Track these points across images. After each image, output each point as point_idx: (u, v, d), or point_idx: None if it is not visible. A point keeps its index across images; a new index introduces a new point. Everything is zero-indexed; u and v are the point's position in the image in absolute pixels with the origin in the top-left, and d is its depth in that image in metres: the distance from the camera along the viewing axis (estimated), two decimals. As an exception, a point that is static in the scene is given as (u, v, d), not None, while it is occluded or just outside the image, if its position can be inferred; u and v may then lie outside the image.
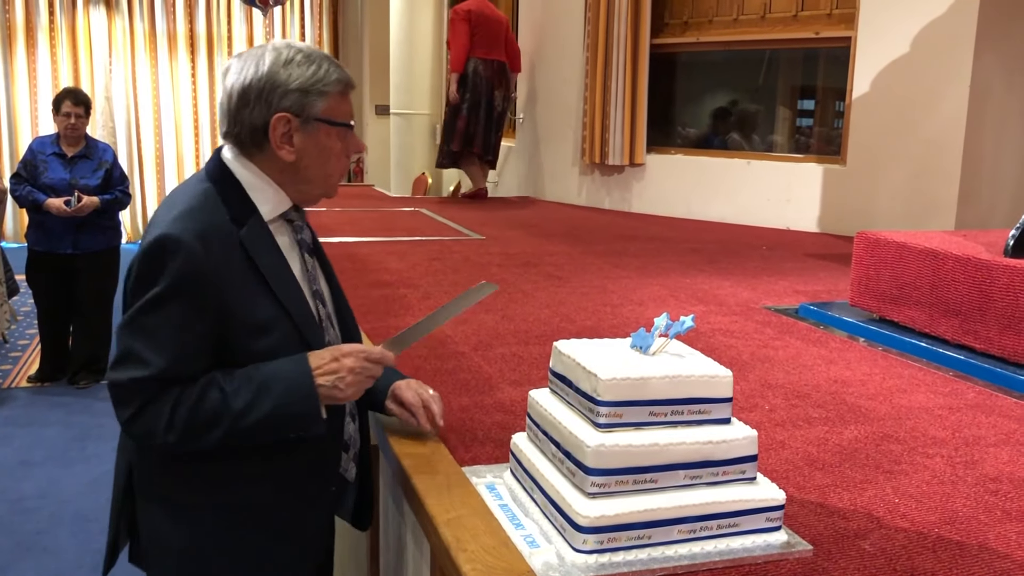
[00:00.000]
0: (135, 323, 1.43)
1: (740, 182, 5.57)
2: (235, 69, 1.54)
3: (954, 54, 4.48)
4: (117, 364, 1.44)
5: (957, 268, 2.53)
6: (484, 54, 6.24)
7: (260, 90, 1.51)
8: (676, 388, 1.39)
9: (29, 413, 4.94)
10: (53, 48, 10.47)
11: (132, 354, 1.42)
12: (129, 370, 1.42)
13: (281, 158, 1.53)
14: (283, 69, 1.51)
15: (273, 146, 1.52)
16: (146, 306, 1.42)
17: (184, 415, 1.42)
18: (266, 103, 1.51)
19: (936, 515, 1.55)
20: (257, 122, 1.51)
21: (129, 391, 1.43)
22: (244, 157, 1.56)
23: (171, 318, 1.42)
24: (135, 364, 1.42)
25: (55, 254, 5.26)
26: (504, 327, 2.82)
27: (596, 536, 1.33)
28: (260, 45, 1.57)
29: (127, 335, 1.44)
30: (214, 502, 1.54)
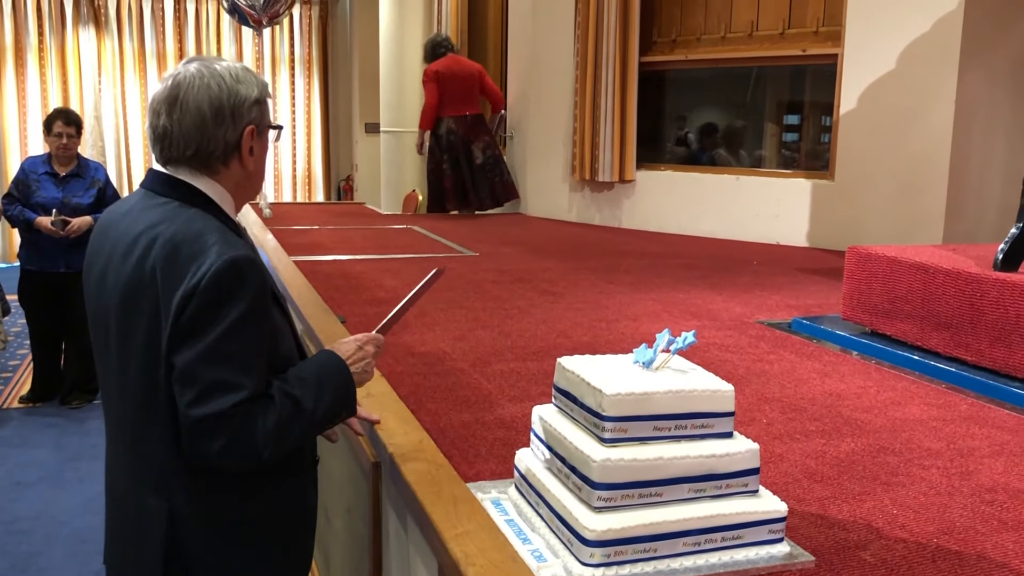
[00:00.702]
0: (217, 352, 1.39)
1: (730, 198, 5.62)
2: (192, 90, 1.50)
3: (939, 70, 4.55)
4: (205, 397, 1.38)
5: (948, 282, 2.57)
6: (455, 111, 6.54)
7: (232, 107, 1.52)
8: (679, 403, 1.42)
9: (22, 434, 4.92)
10: (42, 68, 10.47)
11: (222, 382, 1.39)
12: (225, 398, 1.38)
13: (245, 168, 1.56)
14: (238, 85, 1.53)
15: (244, 158, 1.54)
16: (228, 332, 1.39)
17: (272, 429, 1.43)
18: (237, 118, 1.53)
19: (934, 526, 1.58)
20: (231, 138, 1.53)
21: (226, 419, 1.39)
22: (205, 176, 1.54)
23: (252, 338, 1.43)
24: (229, 391, 1.39)
25: (48, 273, 5.25)
26: (501, 343, 2.84)
27: (603, 550, 1.35)
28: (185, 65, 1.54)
29: (209, 367, 1.39)
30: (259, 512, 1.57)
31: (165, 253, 1.43)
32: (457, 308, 3.35)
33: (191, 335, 1.39)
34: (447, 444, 1.92)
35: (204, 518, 1.51)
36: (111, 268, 1.51)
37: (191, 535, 1.50)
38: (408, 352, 2.70)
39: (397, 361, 2.59)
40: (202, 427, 1.38)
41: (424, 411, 2.14)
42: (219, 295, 1.39)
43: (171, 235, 1.45)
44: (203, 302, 1.39)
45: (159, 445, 1.48)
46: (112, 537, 1.62)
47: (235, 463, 1.43)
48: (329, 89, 11.79)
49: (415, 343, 2.81)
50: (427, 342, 2.83)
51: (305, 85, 11.60)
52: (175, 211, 1.50)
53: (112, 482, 1.61)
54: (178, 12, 10.90)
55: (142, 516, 1.52)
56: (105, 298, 1.51)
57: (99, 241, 1.57)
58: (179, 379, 1.40)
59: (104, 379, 1.59)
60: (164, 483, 1.50)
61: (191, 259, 1.42)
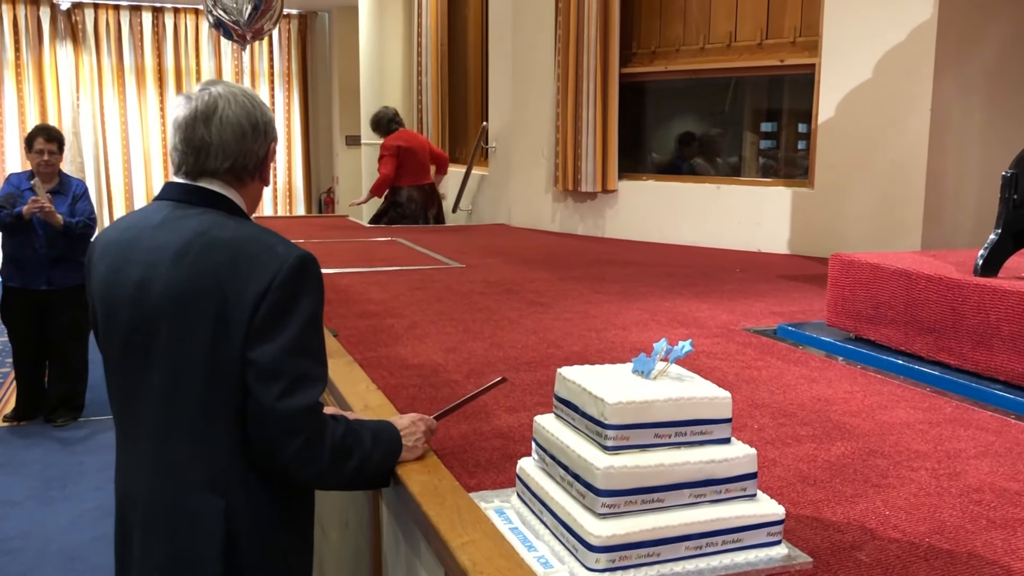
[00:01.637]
0: (299, 345, 1.45)
1: (710, 206, 5.69)
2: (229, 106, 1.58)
3: (915, 79, 4.64)
4: (292, 391, 1.43)
5: (930, 287, 2.63)
6: (415, 181, 7.09)
7: (264, 123, 1.62)
8: (679, 410, 1.46)
9: (7, 452, 4.90)
10: (19, 84, 10.43)
11: (306, 375, 1.45)
12: (309, 391, 1.45)
13: (264, 183, 1.65)
14: (263, 106, 1.64)
15: (265, 173, 1.65)
16: (308, 326, 1.46)
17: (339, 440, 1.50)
18: (266, 135, 1.63)
19: (925, 525, 1.62)
20: (262, 152, 1.63)
21: (312, 413, 1.45)
22: (233, 188, 1.61)
23: (322, 331, 1.52)
24: (312, 383, 1.46)
25: (30, 291, 5.24)
26: (493, 354, 2.87)
27: (608, 555, 1.38)
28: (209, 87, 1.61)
29: (293, 361, 1.44)
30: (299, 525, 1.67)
31: (228, 256, 1.48)
32: (447, 320, 3.37)
33: (270, 331, 1.44)
34: (446, 455, 1.95)
35: (256, 515, 1.55)
36: (157, 276, 1.51)
37: (244, 532, 1.53)
38: (402, 364, 2.73)
39: (392, 374, 2.62)
40: (289, 422, 1.43)
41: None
42: (294, 291, 1.45)
43: (229, 239, 1.50)
44: (279, 298, 1.44)
45: (220, 445, 1.50)
46: (148, 540, 1.57)
47: (301, 466, 1.48)
48: (309, 102, 11.82)
49: (408, 355, 2.84)
50: (420, 354, 2.86)
51: (285, 98, 11.61)
52: (220, 219, 1.56)
53: (142, 486, 1.58)
54: (156, 27, 10.90)
55: (198, 515, 1.52)
56: (148, 306, 1.51)
57: (125, 253, 1.57)
58: (262, 374, 1.43)
59: (135, 385, 1.57)
60: (223, 482, 1.52)
61: (256, 259, 1.47)
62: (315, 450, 1.47)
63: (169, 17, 10.94)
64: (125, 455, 1.64)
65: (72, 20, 10.58)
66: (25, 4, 10.39)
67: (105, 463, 4.67)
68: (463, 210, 7.66)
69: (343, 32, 10.98)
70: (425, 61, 8.25)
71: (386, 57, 8.88)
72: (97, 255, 1.64)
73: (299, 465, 1.47)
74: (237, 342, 1.45)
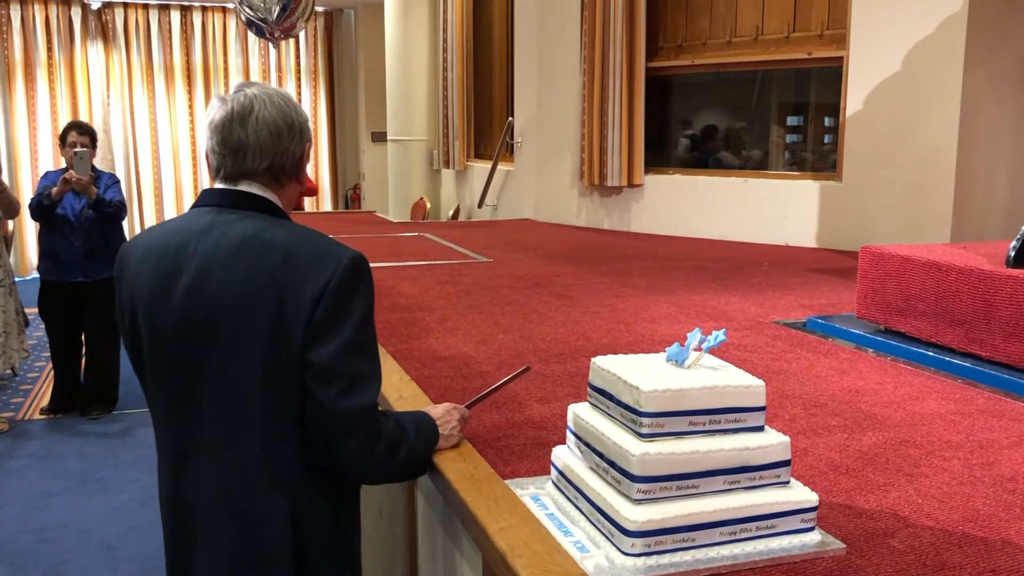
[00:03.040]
0: (356, 345, 1.48)
1: (738, 200, 5.68)
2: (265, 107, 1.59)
3: (944, 71, 4.61)
4: (351, 389, 1.45)
5: (961, 279, 2.63)
6: None
7: (300, 124, 1.64)
8: (713, 398, 1.48)
9: (45, 445, 4.99)
10: (52, 83, 10.58)
11: (363, 373, 1.48)
12: (367, 389, 1.48)
13: (300, 184, 1.66)
14: (295, 106, 1.65)
15: (301, 174, 1.66)
16: (361, 326, 1.49)
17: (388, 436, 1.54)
18: (301, 135, 1.64)
19: (959, 514, 1.63)
20: (298, 152, 1.64)
21: (370, 411, 1.48)
22: (272, 191, 1.62)
23: (373, 329, 1.54)
24: (369, 380, 1.49)
25: (66, 283, 5.33)
26: (523, 347, 2.90)
27: (644, 540, 1.41)
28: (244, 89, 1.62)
29: (350, 360, 1.47)
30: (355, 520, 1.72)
31: (282, 257, 1.49)
32: (476, 313, 3.41)
33: (328, 332, 1.46)
34: (481, 444, 1.98)
35: (317, 516, 1.57)
36: (211, 278, 1.51)
37: (309, 532, 1.56)
38: (434, 356, 2.76)
39: (424, 365, 2.65)
40: (348, 421, 1.46)
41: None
42: (349, 292, 1.48)
43: (283, 240, 1.52)
44: (336, 299, 1.47)
45: (283, 446, 1.51)
46: (214, 543, 1.56)
47: (361, 463, 1.52)
48: (335, 99, 11.89)
49: (439, 348, 2.87)
50: (451, 346, 2.89)
51: (312, 95, 11.69)
52: (266, 222, 1.57)
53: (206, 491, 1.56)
54: (184, 25, 11.01)
55: (266, 515, 1.52)
56: (202, 311, 1.51)
57: (173, 258, 1.55)
58: (321, 375, 1.46)
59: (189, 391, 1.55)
60: (287, 482, 1.52)
61: (312, 261, 1.49)
62: (373, 447, 1.51)
63: (197, 15, 11.05)
64: (179, 461, 1.60)
65: (103, 19, 10.72)
66: (57, 4, 10.54)
67: (140, 456, 4.75)
68: (488, 205, 7.70)
69: (369, 29, 11.04)
70: (450, 57, 8.29)
71: (412, 54, 8.93)
72: (137, 261, 1.60)
73: (357, 462, 1.51)
74: (296, 343, 1.46)
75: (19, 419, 5.45)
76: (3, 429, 5.18)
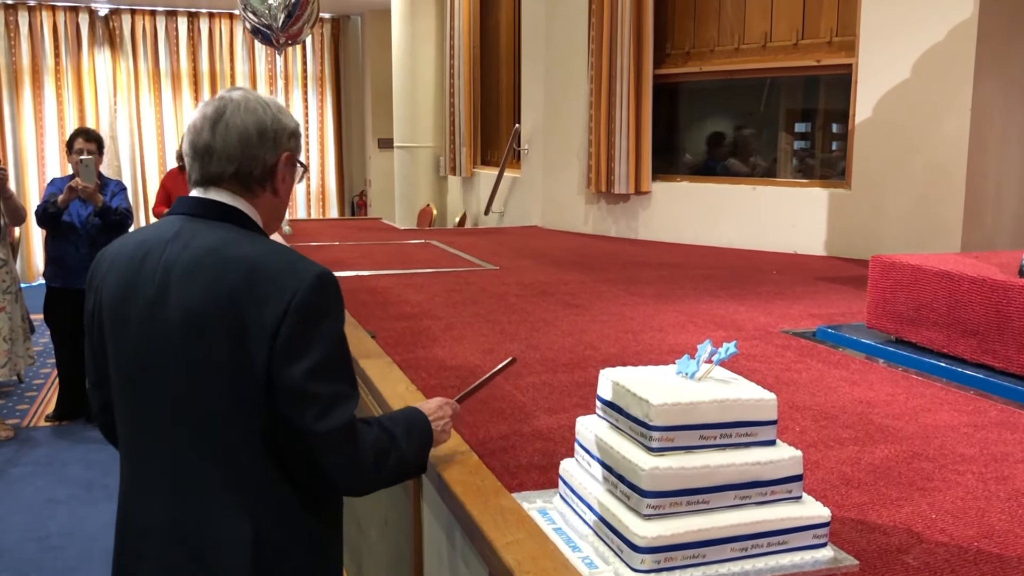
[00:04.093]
0: (328, 366, 1.42)
1: (746, 208, 5.65)
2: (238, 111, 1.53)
3: (954, 79, 4.59)
4: (327, 412, 1.40)
5: (973, 289, 2.60)
6: None
7: (275, 131, 1.55)
8: (724, 412, 1.45)
9: (50, 452, 4.98)
10: (59, 90, 10.61)
11: (339, 395, 1.43)
12: (344, 409, 1.42)
13: (278, 196, 1.59)
14: (280, 115, 1.58)
15: (277, 184, 1.58)
16: (330, 345, 1.43)
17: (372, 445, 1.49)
18: (278, 142, 1.56)
19: (973, 529, 1.61)
20: (270, 161, 1.56)
21: (351, 431, 1.44)
22: (244, 199, 1.55)
23: (347, 348, 1.50)
24: (346, 400, 1.43)
25: (72, 290, 5.32)
26: (531, 356, 2.88)
27: (653, 556, 1.38)
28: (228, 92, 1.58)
29: (324, 383, 1.41)
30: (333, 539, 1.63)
31: (244, 273, 1.41)
32: (483, 322, 3.39)
33: (296, 354, 1.39)
34: (488, 455, 1.96)
35: (287, 534, 1.49)
36: (170, 293, 1.44)
37: (272, 557, 1.47)
38: (440, 366, 2.74)
39: (431, 375, 2.63)
40: (331, 440, 1.41)
41: (462, 423, 2.17)
42: (315, 310, 1.42)
43: (245, 255, 1.44)
44: (301, 319, 1.40)
45: (247, 469, 1.44)
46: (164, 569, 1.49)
47: (349, 478, 1.49)
48: (342, 105, 11.90)
49: (446, 356, 2.85)
50: (457, 355, 2.87)
51: (318, 102, 11.70)
52: (233, 234, 1.49)
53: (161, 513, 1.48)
54: (191, 32, 11.04)
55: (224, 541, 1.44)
56: (162, 324, 1.44)
57: (136, 267, 1.50)
58: (294, 399, 1.39)
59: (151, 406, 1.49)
60: (253, 508, 1.45)
61: (275, 278, 1.41)
62: (359, 461, 1.46)
63: (204, 22, 11.07)
64: (136, 479, 1.54)
65: (110, 26, 10.75)
66: (64, 11, 10.57)
67: (144, 462, 4.72)
68: (495, 212, 7.68)
69: (376, 35, 11.04)
70: (457, 64, 8.28)
71: (418, 60, 8.93)
72: (105, 268, 1.56)
73: (346, 479, 1.48)
74: (261, 364, 1.40)
75: (24, 426, 5.44)
76: (8, 436, 5.17)
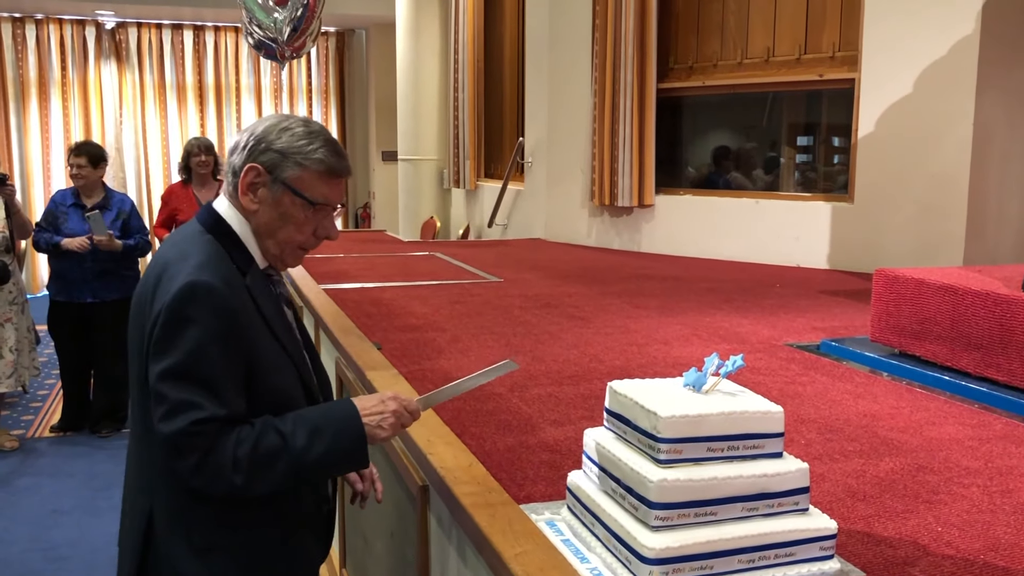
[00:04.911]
0: (184, 373, 1.46)
1: (749, 221, 5.67)
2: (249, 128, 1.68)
3: (956, 93, 4.61)
4: (171, 415, 1.45)
5: (977, 303, 2.61)
6: None
7: (248, 143, 1.63)
8: (732, 424, 1.46)
9: (54, 463, 4.99)
10: (65, 101, 10.66)
11: (185, 401, 1.45)
12: (187, 415, 1.45)
13: (245, 207, 1.63)
14: (277, 132, 1.62)
15: (240, 192, 1.62)
16: (192, 355, 1.46)
17: (247, 455, 1.47)
18: (248, 153, 1.62)
19: (980, 542, 1.61)
20: (236, 168, 1.63)
21: (191, 437, 1.45)
22: (234, 207, 1.65)
23: (218, 362, 1.48)
24: (191, 409, 1.45)
25: (75, 303, 5.34)
26: (536, 368, 2.89)
27: (661, 567, 1.39)
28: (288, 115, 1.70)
29: (173, 386, 1.46)
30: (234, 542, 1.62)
31: (157, 272, 1.56)
32: (488, 334, 3.40)
33: (157, 353, 1.49)
34: (494, 467, 1.97)
35: (180, 534, 1.59)
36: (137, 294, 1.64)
37: (162, 533, 1.59)
38: (446, 378, 2.75)
39: (436, 386, 2.63)
40: (170, 444, 1.47)
41: (468, 435, 2.19)
42: (180, 316, 1.48)
43: (167, 257, 1.58)
44: (164, 322, 1.48)
45: (150, 452, 1.59)
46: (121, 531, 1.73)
47: (207, 483, 1.49)
48: (346, 118, 11.95)
49: (452, 368, 2.87)
50: (463, 367, 2.88)
51: (322, 114, 11.75)
52: (192, 236, 1.62)
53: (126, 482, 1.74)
54: (197, 45, 11.10)
55: (132, 513, 1.65)
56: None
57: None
58: (152, 394, 1.50)
59: None
60: (151, 487, 1.61)
61: (170, 279, 1.52)
62: (213, 468, 1.46)
63: (210, 35, 11.13)
64: None
65: (116, 39, 10.81)
66: (71, 24, 10.63)
67: (149, 474, 4.73)
68: (498, 224, 7.71)
69: (380, 49, 11.10)
70: (461, 77, 8.33)
71: (422, 73, 8.97)
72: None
73: (201, 481, 1.49)
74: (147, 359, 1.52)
75: (29, 437, 5.45)
76: (13, 447, 5.18)
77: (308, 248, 1.69)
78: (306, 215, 1.63)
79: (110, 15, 10.50)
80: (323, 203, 1.63)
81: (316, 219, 1.64)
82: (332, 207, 1.66)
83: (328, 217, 1.67)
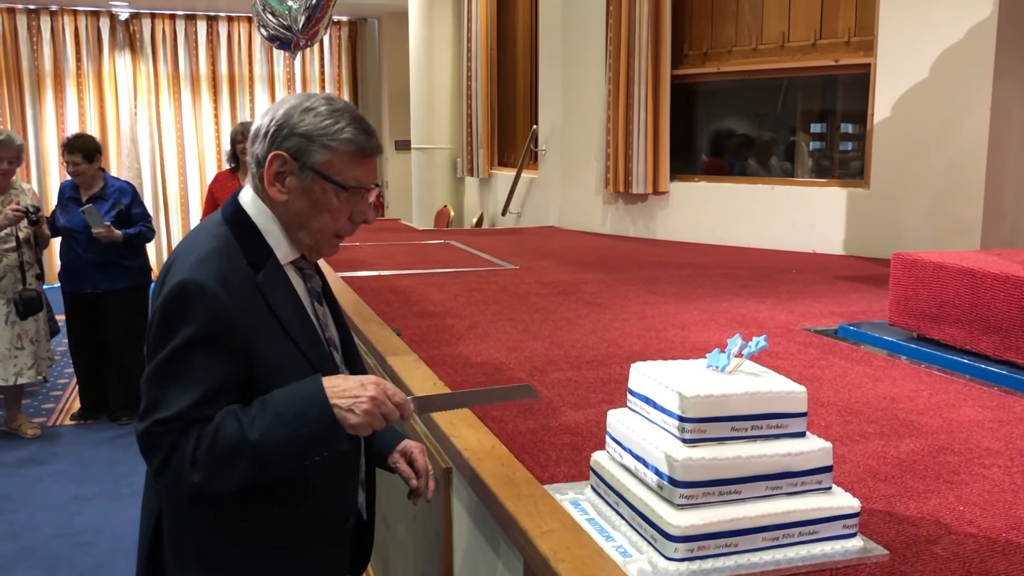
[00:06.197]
0: (161, 372, 1.43)
1: (765, 207, 5.67)
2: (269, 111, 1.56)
3: (974, 77, 4.59)
4: (142, 415, 1.44)
5: (996, 286, 2.61)
6: None
7: (269, 129, 1.52)
8: (755, 404, 1.48)
9: (76, 450, 5.05)
10: (80, 93, 10.71)
11: (155, 401, 1.42)
12: (152, 415, 1.41)
13: (271, 198, 1.53)
14: (299, 114, 1.51)
15: (266, 183, 1.52)
16: (171, 356, 1.42)
17: (205, 451, 1.40)
18: (271, 141, 1.52)
19: (1002, 521, 1.63)
20: (260, 158, 1.53)
21: (155, 436, 1.41)
22: (259, 199, 1.56)
23: (196, 364, 1.42)
24: (157, 409, 1.41)
25: (79, 294, 5.39)
26: (555, 353, 2.91)
27: (686, 545, 1.41)
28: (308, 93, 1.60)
29: (152, 386, 1.43)
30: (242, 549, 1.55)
31: (168, 264, 1.52)
32: (506, 320, 3.42)
33: (149, 352, 1.46)
34: (517, 449, 1.99)
35: (180, 537, 1.55)
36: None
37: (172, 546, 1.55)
38: (465, 363, 2.78)
39: (457, 371, 2.67)
40: (141, 441, 1.43)
41: (490, 418, 2.21)
42: (172, 315, 1.43)
43: (179, 249, 1.54)
44: (156, 320, 1.45)
45: None
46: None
47: (171, 483, 1.44)
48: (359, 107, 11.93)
49: (471, 354, 2.89)
50: (482, 353, 2.91)
51: (335, 104, 11.74)
52: (207, 227, 1.56)
53: None
54: (211, 36, 11.12)
55: (146, 509, 1.61)
56: None
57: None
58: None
59: None
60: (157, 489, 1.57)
61: (172, 275, 1.47)
62: (175, 466, 1.41)
63: (223, 25, 11.15)
64: None
65: (130, 30, 10.84)
66: (86, 15, 10.67)
67: (169, 460, 4.78)
68: (512, 213, 7.72)
69: (393, 38, 11.10)
70: (475, 65, 8.33)
71: (435, 62, 8.97)
72: None
73: (167, 480, 1.45)
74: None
75: (50, 425, 5.51)
76: (36, 434, 5.24)
77: (344, 235, 1.59)
78: (340, 200, 1.53)
79: (124, 6, 10.53)
80: (357, 186, 1.54)
81: (351, 203, 1.55)
82: (367, 189, 1.56)
83: (364, 200, 1.57)
